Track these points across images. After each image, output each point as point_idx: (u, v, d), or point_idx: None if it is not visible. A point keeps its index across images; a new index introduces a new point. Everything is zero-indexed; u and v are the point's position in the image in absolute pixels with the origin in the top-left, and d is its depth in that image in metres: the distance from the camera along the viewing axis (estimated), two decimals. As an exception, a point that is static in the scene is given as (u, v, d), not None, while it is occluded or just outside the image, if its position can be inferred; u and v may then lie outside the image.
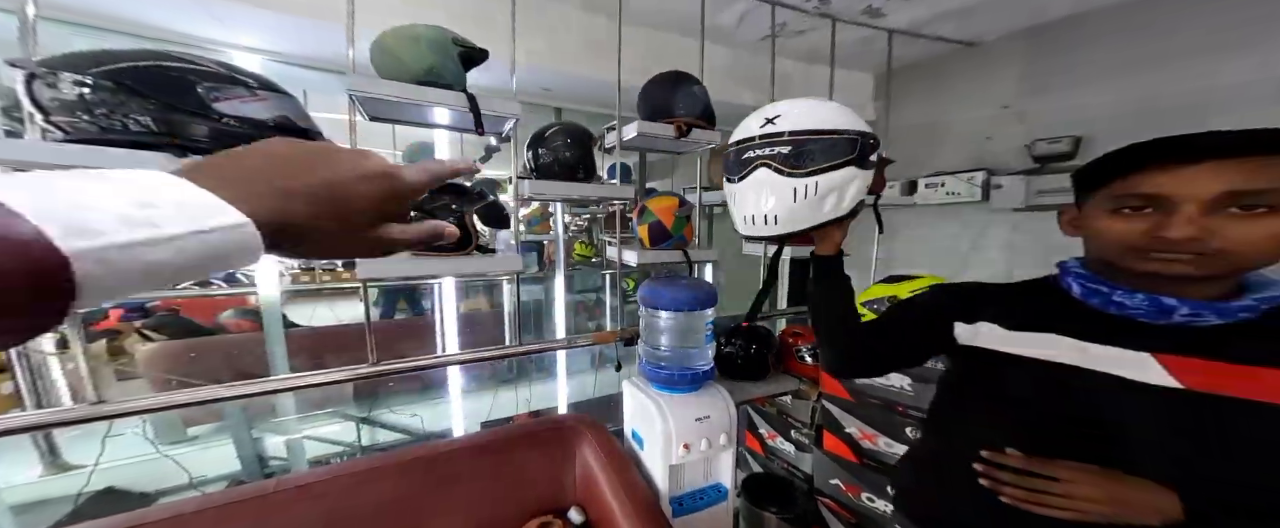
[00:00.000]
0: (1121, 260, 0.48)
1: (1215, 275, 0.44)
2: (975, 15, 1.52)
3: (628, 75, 1.22)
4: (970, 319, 0.61)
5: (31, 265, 0.15)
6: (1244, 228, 0.41)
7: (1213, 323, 0.45)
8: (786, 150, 0.61)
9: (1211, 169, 0.42)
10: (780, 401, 1.46)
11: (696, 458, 1.00)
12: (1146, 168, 0.45)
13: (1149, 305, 0.47)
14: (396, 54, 0.74)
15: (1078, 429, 0.50)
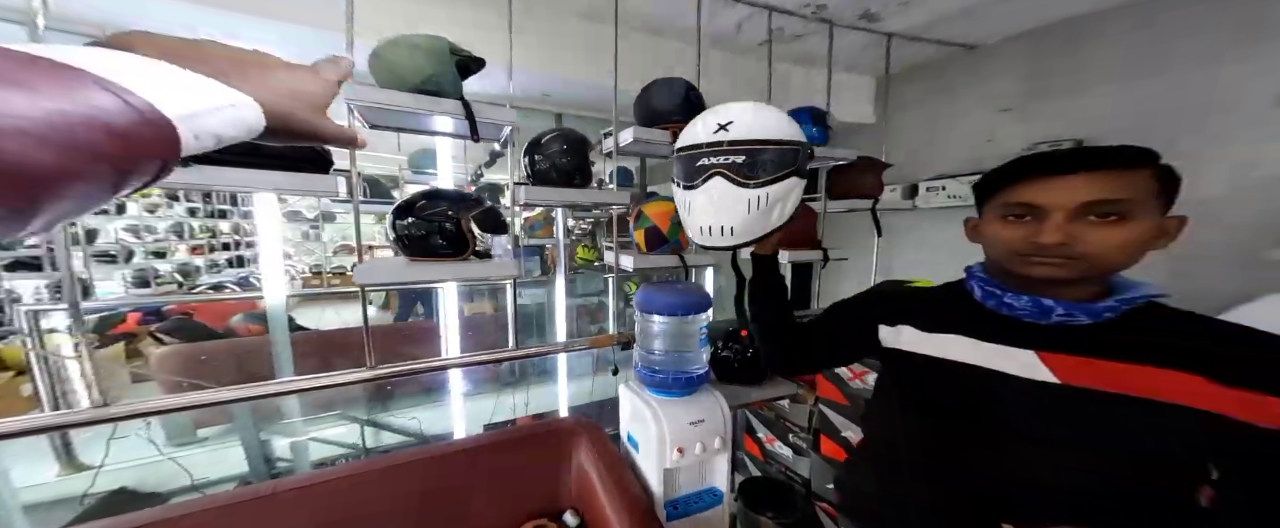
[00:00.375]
0: (1009, 264, 0.53)
1: (1083, 278, 0.49)
2: (975, 18, 1.51)
3: (627, 81, 1.23)
4: (892, 322, 0.66)
5: (157, 132, 0.21)
6: (1101, 234, 0.46)
7: (1084, 322, 0.50)
8: (741, 160, 0.62)
9: (1077, 182, 0.47)
10: (778, 405, 1.46)
11: (691, 462, 1.00)
12: (1027, 180, 0.50)
13: (1032, 306, 0.52)
14: (394, 63, 0.76)
15: (979, 424, 0.54)
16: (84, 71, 0.20)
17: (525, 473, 1.08)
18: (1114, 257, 0.46)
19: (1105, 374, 0.48)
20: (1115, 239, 0.46)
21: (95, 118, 0.19)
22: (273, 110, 0.28)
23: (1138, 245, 0.46)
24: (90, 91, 0.19)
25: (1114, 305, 0.48)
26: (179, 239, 2.98)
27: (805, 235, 1.41)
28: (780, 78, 1.82)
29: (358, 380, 0.83)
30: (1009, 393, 0.52)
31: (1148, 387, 0.45)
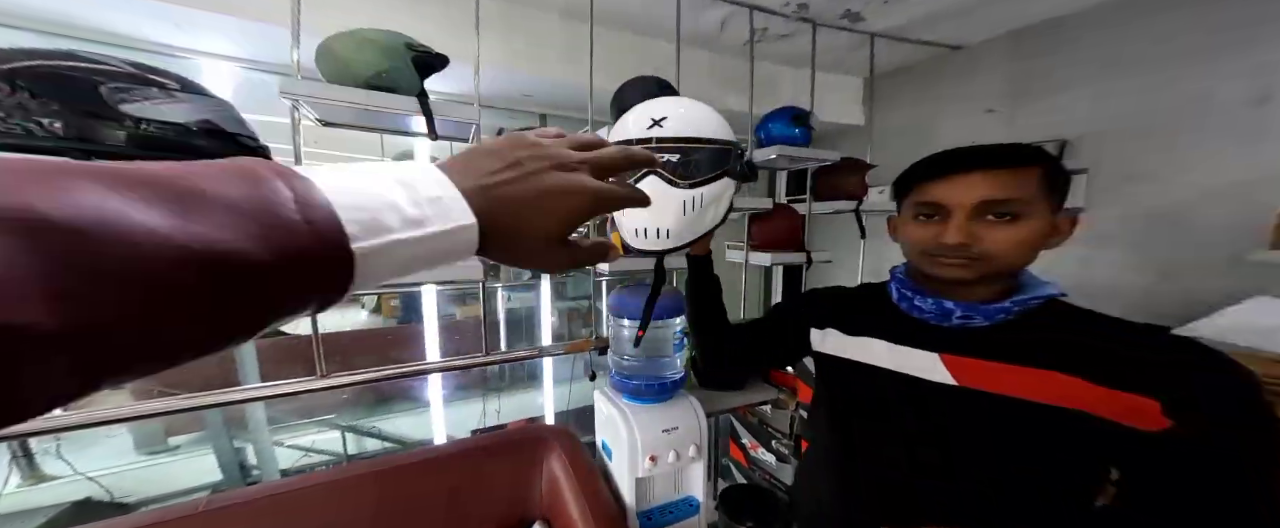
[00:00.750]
0: (920, 264, 0.53)
1: (985, 278, 0.49)
2: (956, 19, 1.50)
3: (610, 80, 1.21)
4: (822, 324, 0.66)
5: (332, 254, 0.17)
6: (997, 233, 0.47)
7: (981, 324, 0.50)
8: (675, 158, 0.58)
9: (975, 180, 0.47)
10: (760, 410, 1.43)
11: (664, 471, 0.97)
12: (934, 179, 0.50)
13: (935, 309, 0.52)
14: (341, 58, 0.73)
15: (891, 427, 0.55)
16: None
17: (494, 483, 1.04)
18: (1010, 255, 0.47)
19: (995, 376, 0.48)
20: (1010, 238, 0.46)
21: None
22: (498, 236, 0.23)
23: (1030, 244, 0.46)
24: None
25: (1007, 307, 0.48)
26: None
27: (789, 237, 1.39)
28: (768, 78, 1.80)
29: (310, 390, 0.79)
30: (915, 395, 0.53)
31: (1032, 389, 0.46)
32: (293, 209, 0.16)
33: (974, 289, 0.51)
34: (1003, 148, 0.47)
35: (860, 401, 0.59)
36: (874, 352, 0.58)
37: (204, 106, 0.57)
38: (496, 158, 0.24)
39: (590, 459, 1.07)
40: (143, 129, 0.52)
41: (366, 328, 3.25)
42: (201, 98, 0.58)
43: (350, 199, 0.18)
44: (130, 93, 0.51)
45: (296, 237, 0.16)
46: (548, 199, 0.24)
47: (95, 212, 0.12)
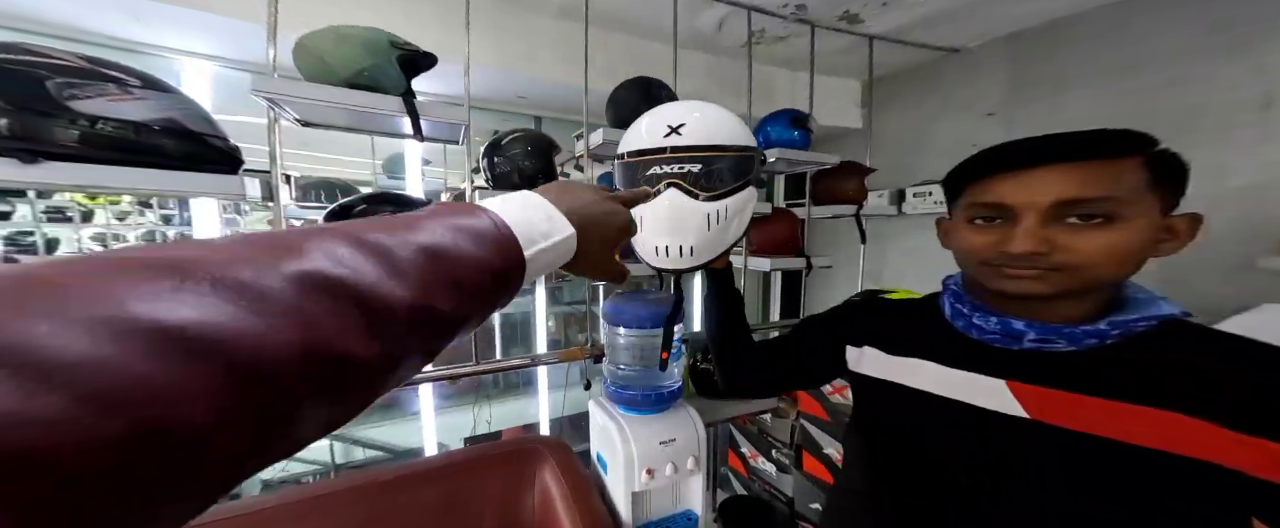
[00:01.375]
0: (980, 276, 0.46)
1: (1066, 292, 0.41)
2: (956, 21, 1.49)
3: (606, 82, 1.18)
4: (858, 342, 0.58)
5: (513, 260, 0.26)
6: (1083, 239, 0.38)
7: (1062, 349, 0.42)
8: (697, 169, 0.54)
9: (1049, 176, 0.39)
10: (760, 419, 1.39)
11: (662, 484, 0.93)
12: (996, 175, 0.43)
13: (1000, 330, 0.44)
14: (320, 54, 0.70)
15: (942, 463, 0.47)
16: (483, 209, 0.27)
17: (484, 496, 0.99)
18: (1101, 266, 0.38)
19: (1085, 413, 0.39)
20: (1101, 245, 0.37)
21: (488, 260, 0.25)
22: (581, 245, 0.32)
23: (1131, 251, 0.38)
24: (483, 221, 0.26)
25: (1103, 330, 0.40)
26: (146, 246, 2.87)
27: (789, 242, 1.36)
28: (765, 80, 1.78)
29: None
30: (972, 426, 0.45)
31: (1140, 431, 0.37)
32: (500, 232, 0.26)
33: (1052, 306, 0.42)
34: (1085, 136, 0.38)
35: (903, 430, 0.51)
36: (922, 375, 0.50)
37: (167, 104, 0.53)
38: (577, 192, 0.35)
39: (584, 472, 1.03)
40: (98, 128, 0.48)
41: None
42: (164, 95, 0.54)
43: (514, 219, 0.27)
44: (82, 88, 0.47)
45: (510, 249, 0.26)
46: (608, 218, 0.35)
47: (454, 250, 0.23)
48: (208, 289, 0.14)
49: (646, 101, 1.14)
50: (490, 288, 0.25)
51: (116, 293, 0.12)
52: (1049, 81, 1.45)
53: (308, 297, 0.16)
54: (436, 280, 0.21)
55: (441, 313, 0.22)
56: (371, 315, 0.18)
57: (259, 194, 0.64)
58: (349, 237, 0.20)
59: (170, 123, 0.53)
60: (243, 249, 0.17)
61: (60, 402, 0.10)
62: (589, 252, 0.33)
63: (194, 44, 1.22)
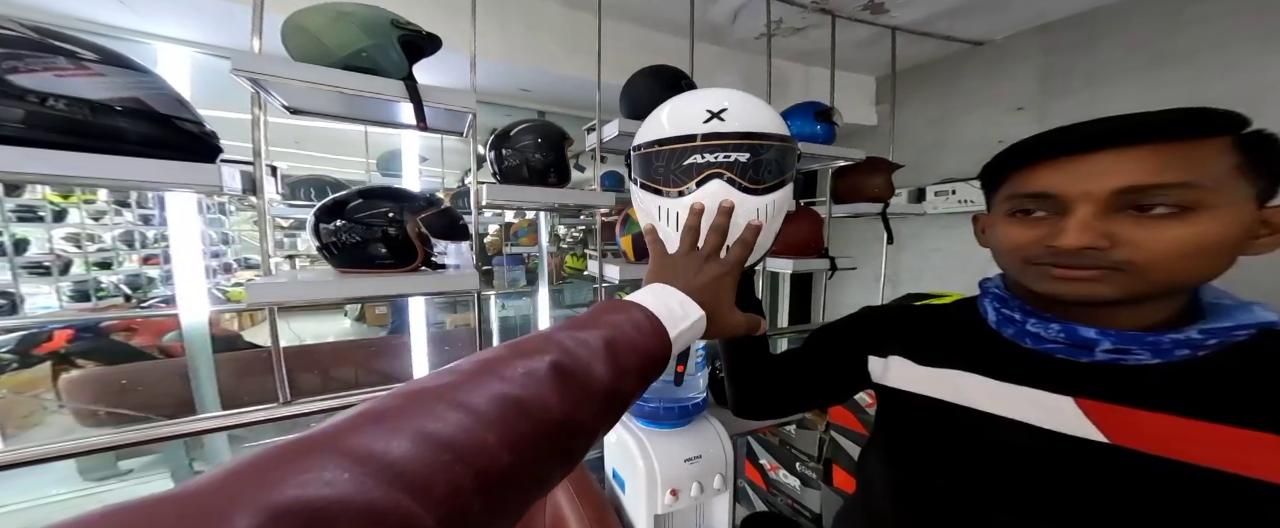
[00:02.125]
0: (1023, 277, 0.41)
1: (1133, 297, 0.35)
2: (984, 13, 1.43)
3: (614, 75, 1.11)
4: (882, 352, 0.52)
5: (664, 343, 0.33)
6: (1151, 234, 0.33)
7: (1147, 361, 0.35)
8: (745, 158, 0.47)
9: (1110, 160, 0.34)
10: (784, 430, 1.32)
11: (686, 505, 0.85)
12: (1041, 162, 0.38)
13: (1065, 337, 0.38)
14: (314, 33, 0.62)
15: (988, 491, 0.41)
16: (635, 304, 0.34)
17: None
18: (1174, 265, 0.32)
19: (1181, 437, 0.33)
20: (1176, 239, 0.32)
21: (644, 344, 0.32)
22: (710, 320, 0.38)
23: (1215, 248, 0.32)
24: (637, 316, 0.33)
25: (1194, 340, 0.34)
26: (129, 249, 2.76)
27: (812, 241, 1.29)
28: (778, 76, 1.71)
29: (270, 420, 0.67)
30: (1035, 450, 0.38)
31: (1254, 461, 0.31)
32: (651, 322, 0.33)
33: (1121, 313, 0.36)
34: (1155, 115, 0.32)
35: (946, 452, 0.44)
36: (965, 390, 0.43)
37: (130, 82, 0.45)
38: (687, 270, 0.40)
39: (600, 492, 0.96)
40: (48, 106, 0.41)
41: (349, 339, 3.09)
42: (127, 72, 0.46)
43: (657, 309, 0.34)
44: (25, 61, 0.39)
45: (661, 335, 0.33)
46: (718, 283, 0.39)
47: (625, 340, 0.31)
48: (502, 382, 0.24)
49: (667, 92, 1.07)
50: (649, 367, 0.31)
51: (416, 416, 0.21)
52: (1083, 73, 1.39)
53: (560, 379, 0.25)
54: (616, 364, 0.29)
55: (623, 390, 0.29)
56: (589, 394, 0.27)
57: (240, 187, 0.56)
58: (566, 335, 0.29)
59: (134, 103, 0.45)
60: (506, 351, 0.26)
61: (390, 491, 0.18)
62: (717, 321, 0.38)
63: (183, 30, 1.13)
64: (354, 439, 0.18)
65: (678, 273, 0.39)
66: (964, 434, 0.43)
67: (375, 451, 0.18)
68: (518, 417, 0.22)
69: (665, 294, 0.36)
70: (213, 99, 1.05)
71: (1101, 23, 1.35)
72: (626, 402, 0.30)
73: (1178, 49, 1.21)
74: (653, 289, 0.36)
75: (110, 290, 2.57)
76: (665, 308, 0.34)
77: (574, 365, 0.26)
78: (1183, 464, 0.33)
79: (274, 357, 0.65)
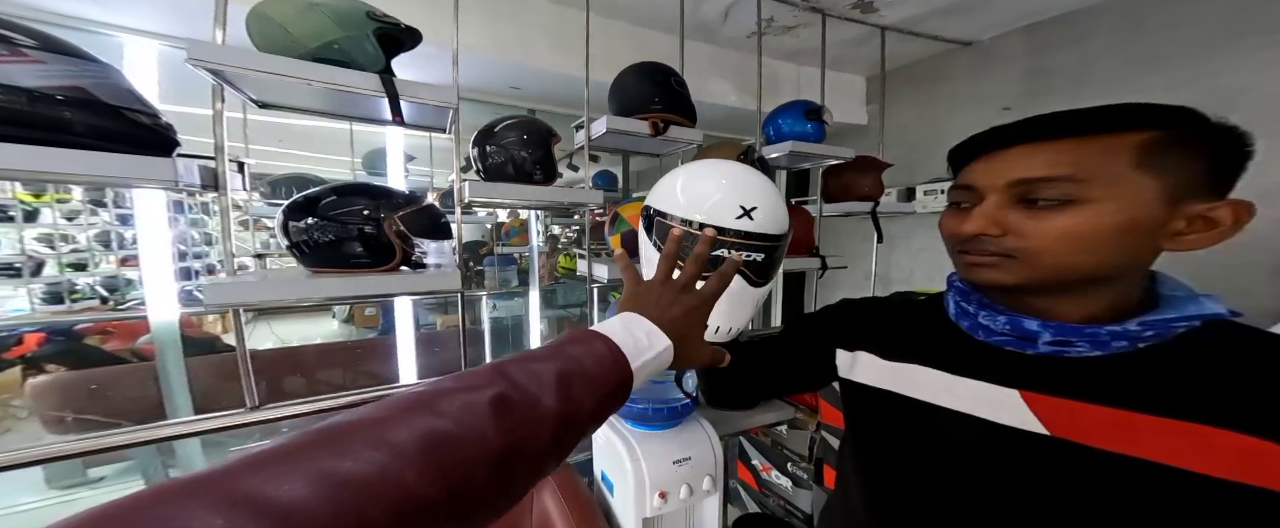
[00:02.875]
0: (956, 266, 0.44)
1: (1039, 284, 0.37)
2: (971, 13, 1.43)
3: (605, 73, 1.09)
4: (852, 346, 0.53)
5: (625, 375, 0.33)
6: (1032, 224, 0.36)
7: (1087, 354, 0.37)
8: (761, 258, 0.52)
9: (1015, 155, 0.37)
10: (776, 430, 1.31)
11: (675, 508, 0.84)
12: (976, 158, 0.41)
13: (1011, 329, 0.40)
14: (282, 23, 0.59)
15: (944, 484, 0.42)
16: (599, 334, 0.34)
17: None
18: (1056, 252, 0.35)
19: (1115, 428, 0.34)
20: (1056, 229, 0.34)
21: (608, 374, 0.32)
22: (677, 350, 0.38)
23: (1097, 238, 0.33)
24: (598, 346, 0.33)
25: (1135, 331, 0.34)
26: (106, 249, 2.67)
27: (803, 240, 1.28)
28: (769, 75, 1.71)
29: (235, 426, 0.64)
30: (979, 444, 0.40)
31: (1183, 452, 0.31)
32: (612, 353, 0.33)
33: (1062, 303, 0.37)
34: (1067, 113, 0.35)
35: (901, 446, 0.46)
36: (922, 383, 0.45)
37: (73, 70, 0.43)
38: (660, 299, 0.40)
39: (588, 494, 0.94)
40: (-22, 94, 0.38)
41: (336, 340, 3.02)
42: (70, 59, 0.43)
43: (620, 339, 0.34)
44: (-47, 46, 0.36)
45: (621, 366, 0.33)
46: (690, 315, 0.40)
47: (580, 372, 0.31)
48: (433, 417, 0.24)
49: (655, 88, 1.05)
50: (606, 399, 0.31)
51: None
52: (1068, 74, 1.41)
53: (501, 411, 0.26)
54: (568, 397, 0.28)
55: (575, 422, 0.29)
56: (535, 426, 0.27)
57: (199, 182, 0.53)
58: (518, 367, 0.29)
59: (77, 92, 0.42)
60: (451, 383, 0.27)
61: None
62: (685, 351, 0.38)
63: (144, 21, 1.08)
64: (243, 480, 0.18)
65: (650, 302, 0.39)
66: (917, 427, 0.44)
67: (261, 492, 0.18)
68: (447, 451, 0.22)
69: (633, 324, 0.36)
70: (184, 94, 1.01)
71: (1085, 24, 1.36)
72: (581, 433, 0.30)
73: (1155, 52, 1.23)
74: (622, 318, 0.37)
75: (86, 293, 2.48)
76: (630, 338, 0.34)
77: (520, 398, 0.27)
78: (1117, 456, 0.33)
79: (240, 360, 0.62)
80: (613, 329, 0.35)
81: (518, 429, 0.25)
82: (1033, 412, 0.37)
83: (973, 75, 1.66)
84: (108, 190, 2.57)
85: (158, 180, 0.47)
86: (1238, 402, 0.31)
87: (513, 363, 0.29)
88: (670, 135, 1.05)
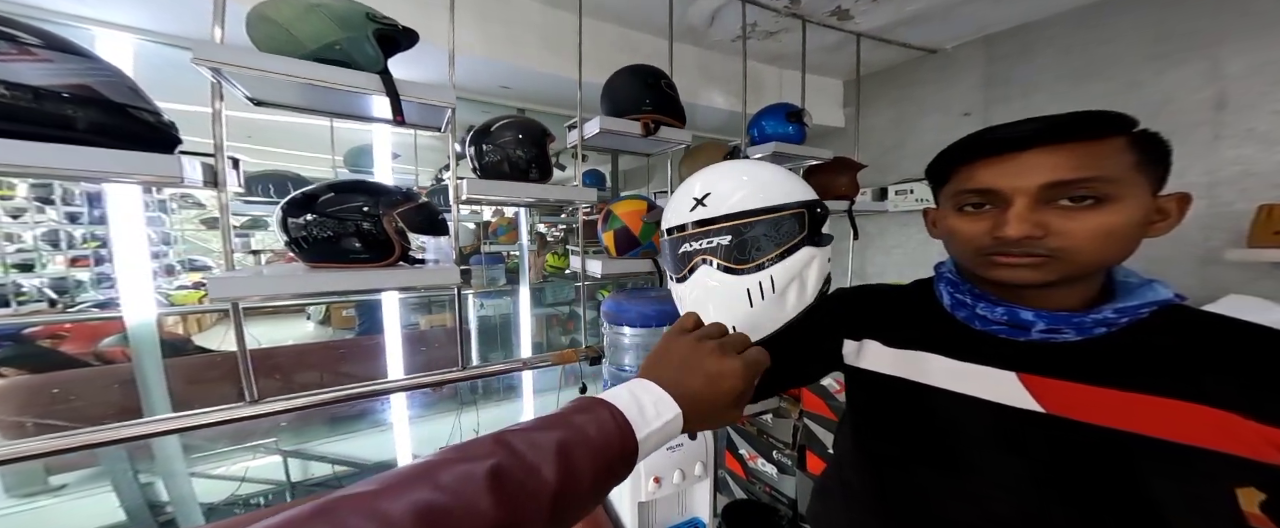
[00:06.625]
0: (975, 266, 0.44)
1: (1065, 279, 0.39)
2: (933, 22, 1.53)
3: (596, 74, 1.12)
4: (857, 335, 0.54)
5: (630, 445, 0.32)
6: (1074, 223, 0.37)
7: (1072, 339, 0.40)
8: (727, 240, 0.50)
9: (1037, 158, 0.38)
10: (760, 419, 1.37)
11: (669, 492, 0.88)
12: (981, 161, 0.41)
13: (1007, 319, 0.43)
14: (284, 25, 0.59)
15: (951, 465, 0.45)
16: (604, 402, 0.33)
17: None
18: (1095, 249, 0.37)
19: (1100, 404, 0.38)
20: (1095, 226, 0.37)
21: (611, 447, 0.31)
22: (689, 419, 0.35)
23: (1124, 233, 0.37)
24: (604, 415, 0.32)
25: (1111, 317, 0.39)
26: (55, 249, 2.49)
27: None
28: (754, 78, 1.78)
29: (233, 419, 0.63)
30: (986, 423, 0.43)
31: (1154, 423, 0.36)
32: (618, 423, 0.32)
33: (1053, 294, 0.41)
34: (1070, 117, 0.37)
35: (908, 429, 0.48)
36: (928, 369, 0.47)
37: (78, 68, 0.42)
38: (675, 365, 0.37)
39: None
40: (-14, 93, 0.37)
41: (313, 341, 2.92)
42: (75, 58, 0.43)
43: (626, 407, 0.33)
44: (-40, 44, 0.36)
45: (626, 437, 0.32)
46: (715, 383, 0.36)
47: (582, 442, 0.31)
48: (430, 489, 0.24)
49: (646, 90, 1.09)
50: (608, 471, 0.30)
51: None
52: (1020, 83, 1.53)
53: (499, 484, 0.25)
54: (568, 468, 0.28)
55: (575, 493, 0.28)
56: (533, 498, 0.26)
57: (201, 179, 0.53)
58: (520, 436, 0.29)
59: (83, 90, 0.42)
60: (453, 454, 0.27)
61: None
62: (700, 422, 0.36)
63: (122, 15, 1.03)
64: None
65: (672, 364, 0.37)
66: (925, 410, 0.47)
67: None
68: (442, 524, 0.23)
69: (641, 392, 0.34)
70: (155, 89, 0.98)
71: (1034, 36, 1.48)
72: (582, 504, 0.29)
73: (1095, 64, 1.35)
74: (631, 385, 0.35)
75: (32, 295, 2.31)
76: (637, 407, 0.33)
77: (517, 469, 0.26)
78: (1105, 429, 0.38)
79: (239, 354, 0.62)
80: (619, 397, 0.33)
81: (515, 501, 0.25)
82: (1030, 392, 0.41)
83: (938, 82, 1.77)
84: (56, 186, 2.39)
85: (163, 177, 0.47)
86: (1193, 378, 0.36)
87: (514, 433, 0.29)
88: (660, 136, 1.09)
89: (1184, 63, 1.20)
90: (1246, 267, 1.09)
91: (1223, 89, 1.15)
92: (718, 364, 0.36)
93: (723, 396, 0.36)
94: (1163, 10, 1.22)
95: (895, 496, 0.48)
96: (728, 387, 0.36)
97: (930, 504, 0.45)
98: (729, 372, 0.36)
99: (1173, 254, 1.20)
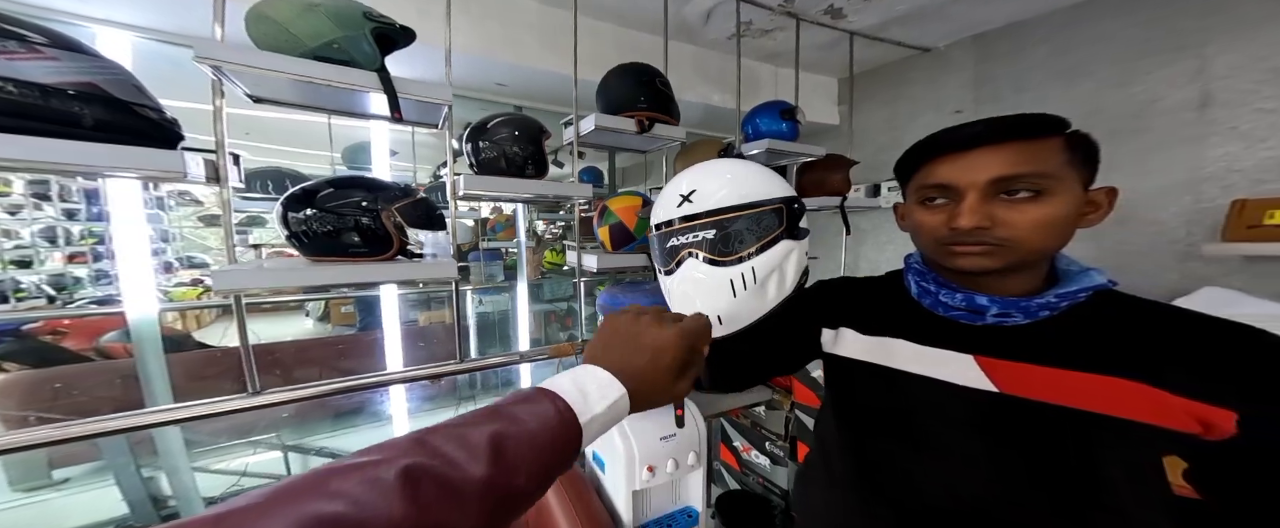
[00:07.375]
0: (936, 255, 0.48)
1: (1014, 266, 0.43)
2: (925, 21, 1.55)
3: (591, 71, 1.13)
4: (834, 323, 0.58)
5: (573, 432, 0.31)
6: (1018, 214, 0.41)
7: (1020, 322, 0.44)
8: (712, 234, 0.54)
9: (985, 156, 0.42)
10: (753, 411, 1.40)
11: (663, 481, 0.91)
12: (938, 158, 0.45)
13: (965, 305, 0.46)
14: (283, 23, 0.61)
15: (919, 442, 0.48)
16: (548, 391, 0.32)
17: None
18: (1036, 238, 0.41)
19: (1044, 383, 0.42)
20: (1035, 217, 0.40)
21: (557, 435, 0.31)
22: (635, 398, 0.35)
23: (1061, 223, 0.41)
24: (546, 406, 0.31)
25: (1052, 302, 0.43)
26: (52, 246, 2.49)
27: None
28: (749, 76, 1.79)
29: (237, 410, 0.65)
30: (947, 403, 0.47)
31: (1092, 398, 0.40)
32: (559, 410, 0.31)
33: (1005, 281, 0.45)
34: (1011, 119, 0.41)
35: (879, 411, 0.52)
36: (897, 354, 0.51)
37: (84, 66, 0.44)
38: (616, 345, 0.37)
39: (580, 471, 0.99)
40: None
41: (312, 337, 2.93)
42: (80, 56, 0.44)
43: (570, 395, 0.32)
44: (-35, 42, 0.37)
45: (567, 424, 0.31)
46: (657, 356, 0.36)
47: (516, 433, 0.29)
48: (322, 499, 0.22)
49: (640, 88, 1.10)
50: (551, 461, 0.29)
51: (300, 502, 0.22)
52: (1010, 83, 1.55)
53: (412, 485, 0.24)
54: (501, 462, 0.27)
55: (511, 486, 0.27)
56: (457, 496, 0.25)
57: (203, 174, 0.54)
58: (445, 433, 0.27)
59: (88, 88, 0.43)
60: (360, 457, 0.25)
61: None
62: (647, 398, 0.36)
63: (119, 13, 1.04)
64: None
65: (616, 345, 0.37)
66: (893, 394, 0.51)
67: None
68: None
69: (584, 378, 0.34)
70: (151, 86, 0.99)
71: (1023, 36, 1.50)
72: (522, 495, 0.28)
73: (1084, 63, 1.37)
74: (574, 372, 0.35)
75: (31, 291, 2.32)
76: (579, 393, 0.32)
77: (437, 468, 0.25)
78: (1051, 406, 0.41)
79: (242, 345, 0.64)
80: (561, 385, 0.33)
81: (433, 501, 0.23)
82: (985, 373, 0.45)
83: (930, 81, 1.79)
84: (52, 182, 2.39)
85: (166, 172, 0.48)
86: (1120, 353, 0.40)
87: (440, 429, 0.28)
88: (655, 133, 1.10)
89: (1171, 62, 1.22)
90: (1223, 260, 1.12)
91: (1207, 88, 1.17)
92: (656, 336, 0.36)
93: (665, 368, 0.35)
94: (1151, 10, 1.24)
95: (869, 475, 0.52)
96: (670, 358, 0.36)
97: (902, 482, 0.49)
98: (667, 342, 0.36)
99: (1156, 249, 1.23)
